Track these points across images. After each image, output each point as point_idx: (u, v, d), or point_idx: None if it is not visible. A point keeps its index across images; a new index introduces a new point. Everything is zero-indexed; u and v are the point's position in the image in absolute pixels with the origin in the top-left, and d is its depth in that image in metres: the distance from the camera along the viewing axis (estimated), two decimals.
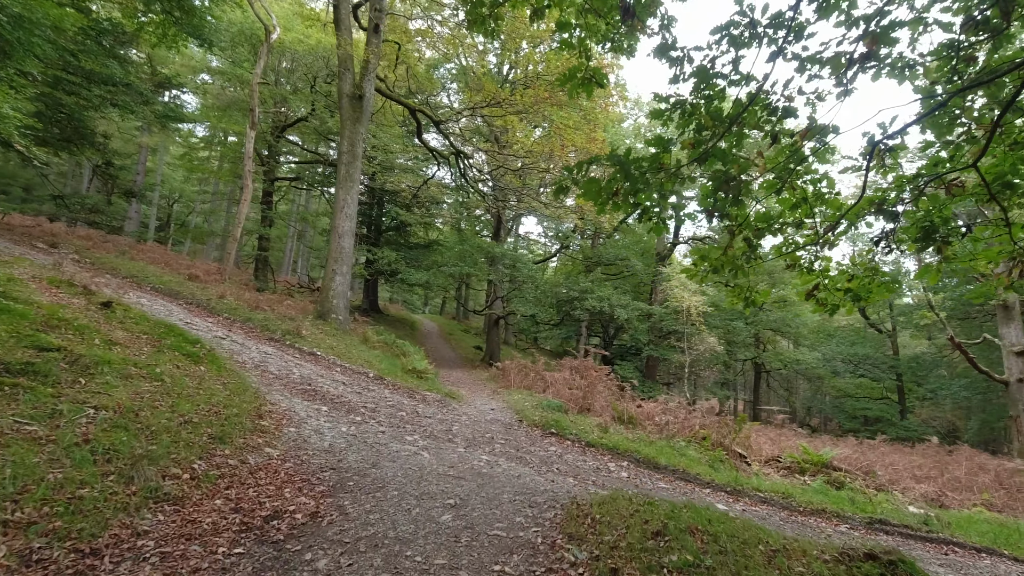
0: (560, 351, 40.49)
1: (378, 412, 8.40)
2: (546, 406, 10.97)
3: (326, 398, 8.39)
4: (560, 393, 12.97)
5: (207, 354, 7.42)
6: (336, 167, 14.35)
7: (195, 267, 17.38)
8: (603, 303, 21.90)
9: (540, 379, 14.48)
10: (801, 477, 10.87)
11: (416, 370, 13.99)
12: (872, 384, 31.71)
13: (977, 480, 13.39)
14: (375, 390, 10.10)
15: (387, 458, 5.98)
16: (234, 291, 14.62)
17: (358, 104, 14.23)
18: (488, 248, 21.97)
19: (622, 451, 9.24)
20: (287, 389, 8.30)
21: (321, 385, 9.17)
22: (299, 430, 6.30)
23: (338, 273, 13.96)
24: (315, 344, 12.19)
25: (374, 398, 9.38)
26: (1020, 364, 17.15)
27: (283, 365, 9.88)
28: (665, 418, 11.10)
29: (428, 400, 10.43)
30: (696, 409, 13.11)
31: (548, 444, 8.96)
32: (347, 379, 10.40)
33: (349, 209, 14.16)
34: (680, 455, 9.67)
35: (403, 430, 7.61)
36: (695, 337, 20.90)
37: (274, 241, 47.48)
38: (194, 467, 4.41)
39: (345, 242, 14.09)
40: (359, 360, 12.16)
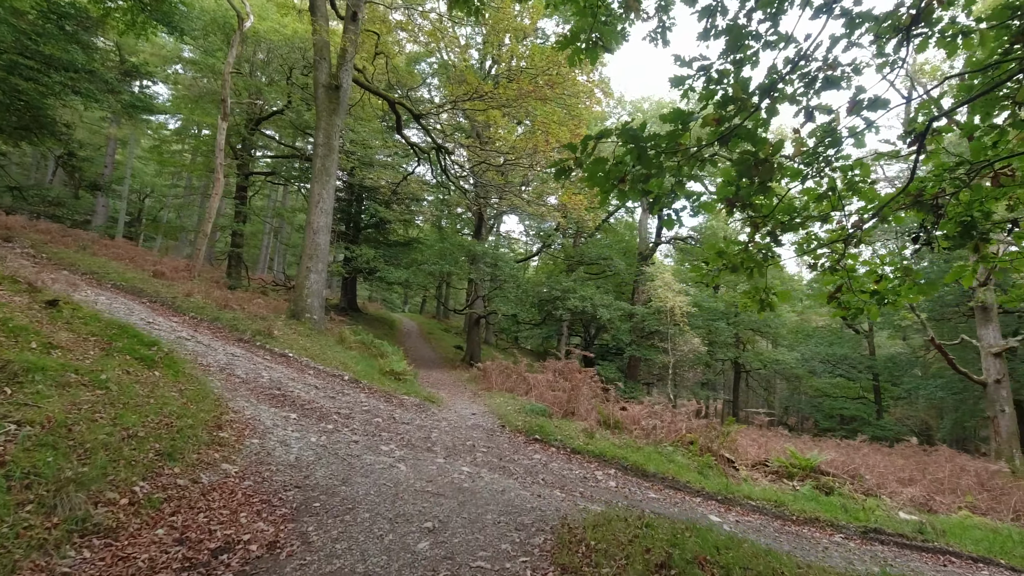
0: (541, 351, 40.09)
1: (352, 419, 7.85)
2: (529, 410, 10.52)
3: (296, 404, 7.82)
4: (543, 396, 12.53)
5: (164, 357, 6.80)
6: (312, 161, 13.72)
7: (162, 263, 16.56)
8: (585, 303, 21.53)
9: (522, 381, 14.02)
10: (790, 482, 10.58)
11: (394, 372, 13.43)
12: (849, 384, 31.91)
13: (960, 482, 13.29)
14: (350, 394, 9.53)
15: (360, 472, 5.46)
16: (203, 289, 13.90)
17: (335, 95, 13.60)
18: (469, 246, 21.44)
19: (609, 458, 8.83)
20: (254, 394, 7.71)
21: (292, 389, 8.59)
22: (263, 441, 5.75)
23: (313, 271, 13.32)
24: (287, 345, 11.56)
25: (348, 403, 8.82)
26: (998, 365, 17.20)
27: (251, 368, 9.27)
28: (652, 422, 10.73)
29: (406, 405, 9.90)
30: (681, 411, 12.78)
31: (532, 452, 8.51)
32: (320, 382, 9.82)
33: (325, 204, 13.53)
34: (668, 461, 9.30)
35: (379, 439, 7.08)
36: (679, 338, 20.65)
37: (250, 238, 46.29)
38: (135, 490, 3.85)
39: (320, 238, 13.45)
40: (334, 362, 11.57)
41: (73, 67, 16.59)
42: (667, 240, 30.41)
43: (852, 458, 14.62)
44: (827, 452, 12.81)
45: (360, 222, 29.89)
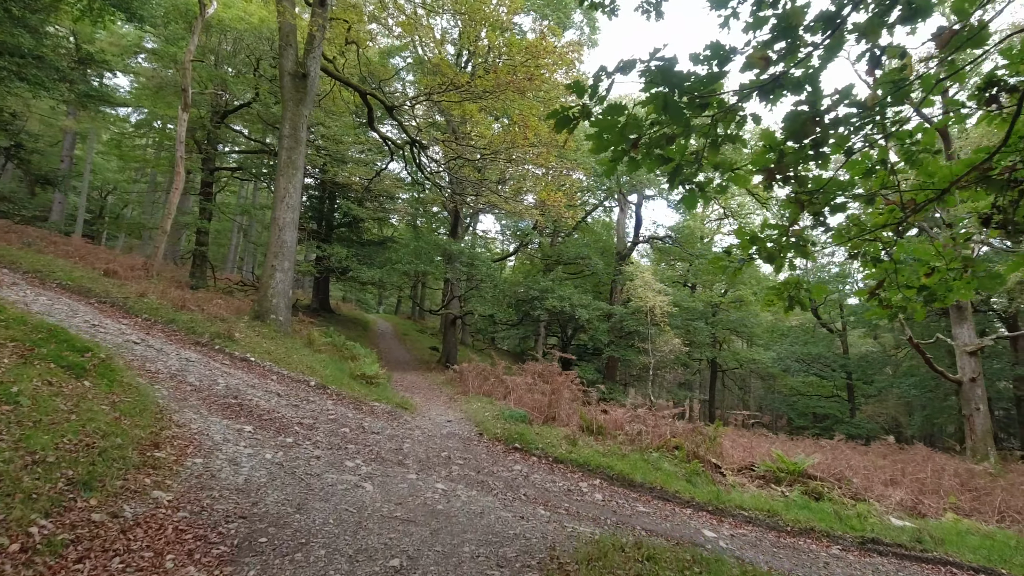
0: (518, 351, 39.52)
1: (316, 430, 7.13)
2: (508, 416, 9.90)
3: (253, 414, 7.07)
4: (522, 400, 11.93)
5: (98, 365, 6.01)
6: (277, 154, 12.90)
7: (115, 262, 15.49)
8: (564, 303, 21.01)
9: (500, 384, 13.41)
10: (778, 488, 10.16)
11: (366, 375, 12.68)
12: (822, 382, 32.10)
13: (942, 483, 13.08)
14: (316, 401, 8.79)
15: (319, 495, 4.78)
16: (159, 289, 12.95)
17: (301, 84, 12.80)
18: (445, 245, 20.74)
19: (594, 468, 8.27)
20: (206, 404, 6.94)
21: (250, 398, 7.83)
22: (208, 460, 5.02)
23: (279, 269, 12.50)
24: (249, 348, 10.74)
25: (313, 412, 8.09)
26: (973, 364, 17.19)
27: (207, 374, 8.47)
28: (636, 427, 10.22)
29: (377, 412, 9.19)
30: (664, 414, 12.32)
31: (512, 462, 7.89)
32: (283, 389, 9.05)
33: (291, 199, 12.72)
34: (655, 469, 8.78)
35: (344, 452, 6.39)
36: (659, 338, 20.29)
37: (219, 236, 44.76)
38: (31, 532, 3.12)
39: (287, 235, 12.64)
40: (300, 366, 10.79)
41: (19, 52, 15.47)
42: (644, 240, 30.11)
43: (835, 459, 14.35)
44: (812, 455, 12.48)
45: (332, 220, 28.92)
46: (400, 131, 16.44)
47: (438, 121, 21.29)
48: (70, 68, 19.50)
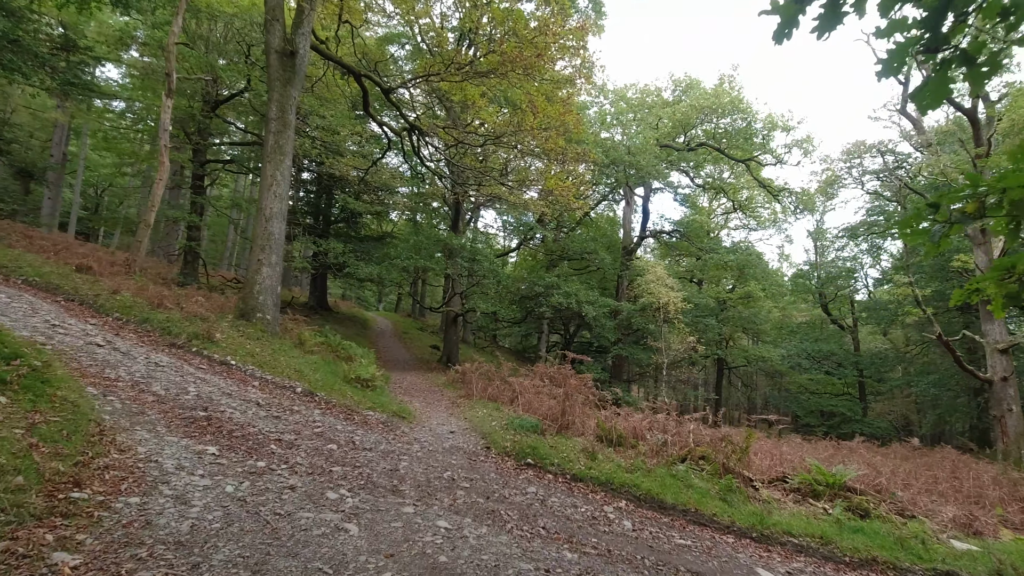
0: (520, 349, 38.41)
1: (296, 448, 6.01)
2: (518, 425, 8.78)
3: (223, 431, 5.94)
4: (532, 405, 10.82)
5: (27, 375, 4.88)
6: (263, 138, 11.77)
7: (92, 257, 14.35)
8: (570, 299, 19.88)
9: (506, 387, 12.30)
10: (817, 503, 9.04)
11: (360, 379, 11.56)
12: (832, 380, 31.03)
13: (984, 493, 11.98)
14: (300, 411, 7.67)
15: (286, 547, 3.66)
16: (137, 286, 11.82)
17: (289, 63, 11.65)
18: (446, 240, 19.60)
19: (617, 486, 7.16)
20: (166, 419, 5.82)
21: (223, 409, 6.70)
22: (148, 500, 3.90)
23: (265, 264, 11.37)
24: (230, 351, 9.62)
25: (296, 424, 6.96)
26: (1004, 362, 16.09)
27: (176, 381, 7.35)
28: (660, 437, 9.10)
29: (371, 423, 8.07)
30: (686, 419, 11.21)
31: (526, 482, 6.77)
32: (265, 397, 7.93)
33: (279, 187, 11.58)
34: (686, 487, 7.67)
35: (327, 479, 5.27)
36: (672, 336, 19.15)
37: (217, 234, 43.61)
38: None
39: (274, 226, 11.50)
40: (287, 370, 9.67)
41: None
42: (652, 234, 28.96)
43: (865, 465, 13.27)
44: (848, 465, 11.36)
45: (330, 216, 27.80)
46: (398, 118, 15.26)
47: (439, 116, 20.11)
48: (50, 54, 18.36)
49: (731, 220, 32.35)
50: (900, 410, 33.49)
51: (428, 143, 13.94)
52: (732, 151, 24.47)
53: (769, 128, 23.04)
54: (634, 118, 24.53)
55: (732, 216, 32.36)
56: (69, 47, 19.68)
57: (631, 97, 25.96)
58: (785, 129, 22.81)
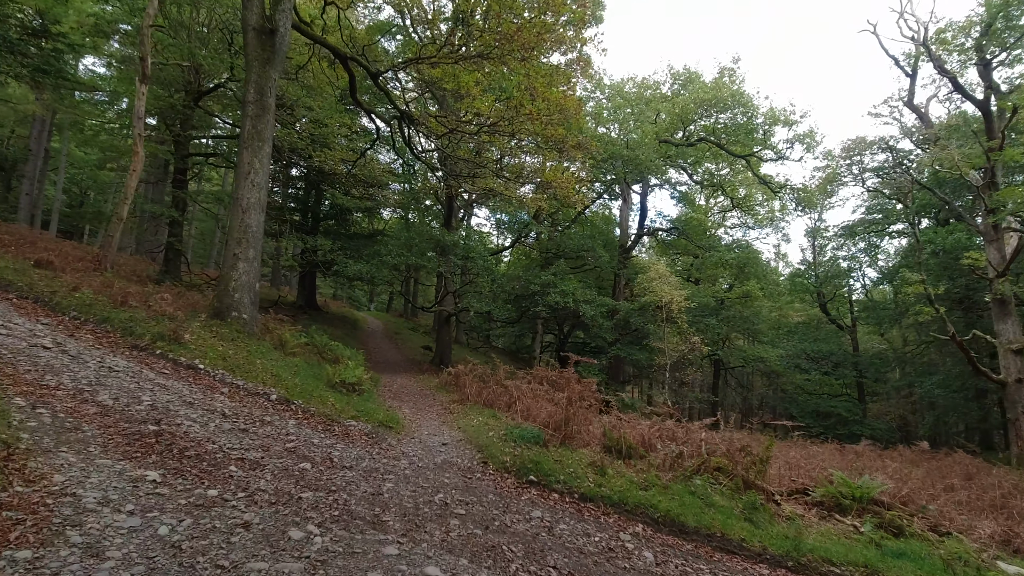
0: (513, 349, 37.45)
1: (261, 470, 5.07)
2: (518, 436, 7.86)
3: (173, 449, 4.99)
4: (531, 412, 9.91)
5: None
6: (240, 123, 10.80)
7: (56, 252, 13.28)
8: (567, 299, 18.99)
9: (503, 391, 11.37)
10: (844, 519, 8.20)
11: (346, 383, 10.61)
12: (831, 381, 30.35)
13: (1011, 503, 11.20)
14: (273, 423, 6.72)
15: None
16: (101, 282, 10.79)
17: (268, 41, 10.68)
18: (438, 236, 18.65)
19: (632, 507, 6.27)
20: (105, 436, 4.86)
21: (179, 422, 5.74)
22: (43, 553, 2.95)
23: (241, 259, 10.38)
24: (200, 353, 8.64)
25: (266, 439, 6.02)
26: (1018, 363, 15.38)
27: (130, 389, 6.37)
28: (675, 448, 8.22)
29: (353, 435, 7.12)
30: (696, 426, 10.35)
31: (529, 504, 5.87)
32: (233, 405, 6.97)
33: (257, 176, 10.60)
34: (706, 505, 6.79)
35: (294, 510, 4.33)
36: (676, 336, 18.30)
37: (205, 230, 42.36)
38: None
39: (251, 218, 10.52)
40: (262, 374, 8.70)
41: None
42: (649, 232, 28.11)
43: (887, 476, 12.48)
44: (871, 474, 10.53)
45: (319, 212, 26.77)
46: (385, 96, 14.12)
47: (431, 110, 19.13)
48: (20, 40, 17.26)
49: (728, 218, 31.61)
50: (898, 411, 32.84)
51: (419, 132, 13.00)
52: (732, 146, 23.72)
53: (771, 123, 22.28)
54: (632, 113, 23.67)
55: (729, 214, 31.60)
56: (42, 34, 18.56)
57: (629, 92, 25.10)
58: (787, 123, 22.07)
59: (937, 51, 16.39)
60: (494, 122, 11.51)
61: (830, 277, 30.55)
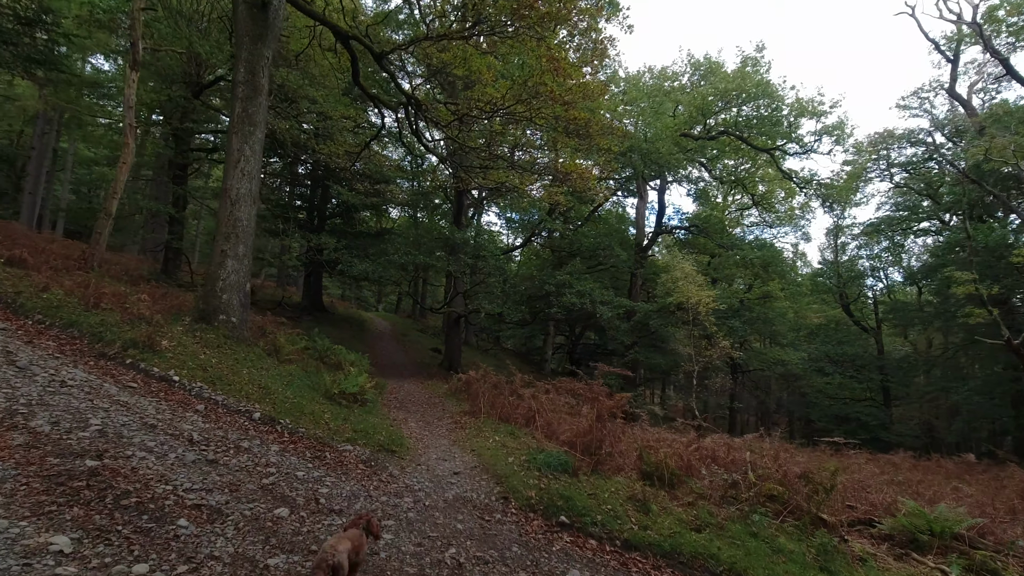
0: (524, 350, 36.16)
1: (222, 523, 3.88)
2: (542, 462, 6.62)
3: (108, 496, 3.81)
4: (553, 428, 8.68)
5: None
6: (230, 105, 9.66)
7: (37, 247, 12.17)
8: (584, 299, 17.74)
9: (519, 403, 10.13)
10: (924, 559, 6.89)
11: (346, 393, 9.43)
12: (854, 384, 28.88)
13: None
14: (251, 450, 5.53)
15: None
16: (78, 282, 9.67)
17: (260, 15, 9.53)
18: (448, 233, 17.46)
19: (687, 557, 5.04)
20: (17, 480, 3.70)
21: (129, 453, 4.57)
22: None
23: (230, 255, 9.22)
24: (177, 363, 7.47)
25: (236, 475, 4.83)
26: None
27: (78, 410, 5.22)
28: (724, 474, 6.96)
29: (347, 463, 5.92)
30: (738, 442, 9.07)
31: (563, 558, 4.64)
32: (206, 427, 5.79)
33: (248, 164, 9.44)
34: (772, 551, 5.54)
35: None
36: (704, 340, 16.96)
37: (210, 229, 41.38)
38: None
39: (241, 211, 9.36)
40: (248, 386, 7.53)
41: None
42: (667, 229, 26.75)
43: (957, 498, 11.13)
44: (953, 504, 9.19)
45: (325, 211, 25.67)
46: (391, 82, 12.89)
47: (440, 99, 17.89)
48: (12, 29, 16.27)
49: (746, 216, 30.16)
50: (922, 416, 31.26)
51: (428, 121, 11.79)
52: (755, 140, 22.37)
53: (797, 114, 20.89)
54: (649, 106, 22.32)
55: (748, 212, 30.15)
56: (33, 22, 17.56)
57: (646, 83, 23.76)
58: (815, 115, 20.68)
59: (988, 31, 14.98)
60: (510, 106, 10.27)
61: (853, 277, 29.05)
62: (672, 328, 18.63)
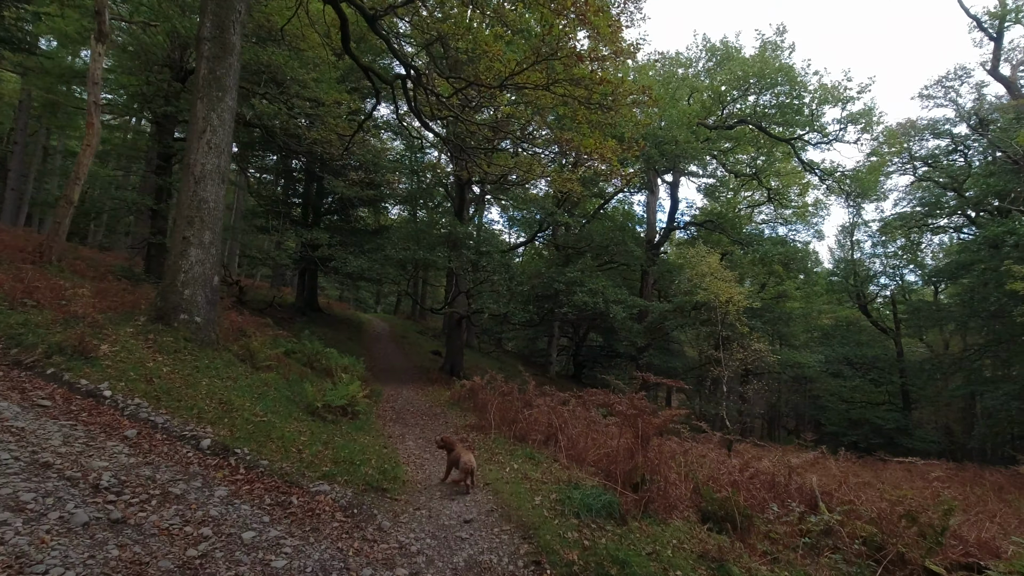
0: (527, 352, 34.52)
1: None
2: (580, 502, 5.00)
3: None
4: (578, 447, 7.09)
5: None
6: (195, 68, 8.09)
7: None
8: (596, 298, 16.16)
9: (534, 414, 8.52)
10: None
11: (331, 406, 7.84)
12: (868, 387, 27.34)
13: None
14: (184, 498, 3.92)
15: None
16: (11, 275, 8.05)
17: None
18: (449, 227, 15.87)
19: None
20: None
21: None
22: None
23: (194, 244, 7.63)
24: (116, 372, 5.87)
25: (147, 545, 3.22)
26: None
27: None
28: (800, 510, 5.38)
29: (320, 514, 4.30)
30: (797, 464, 7.48)
31: None
32: (128, 464, 4.19)
33: (216, 136, 7.85)
34: None
35: None
36: (736, 342, 15.37)
37: None
38: None
39: (208, 190, 7.77)
40: (203, 403, 5.92)
41: None
42: (681, 225, 25.16)
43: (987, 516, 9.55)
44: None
45: (320, 207, 24.09)
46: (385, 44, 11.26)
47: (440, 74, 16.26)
48: None
49: (758, 214, 28.58)
50: (942, 420, 29.69)
51: (427, 90, 10.20)
52: (773, 130, 20.83)
53: (820, 101, 19.35)
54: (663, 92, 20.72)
55: (759, 210, 28.58)
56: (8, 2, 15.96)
57: (657, 71, 22.16)
58: (840, 101, 19.11)
59: None
60: (526, 69, 8.68)
61: (871, 276, 27.51)
62: (692, 329, 17.10)
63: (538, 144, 12.90)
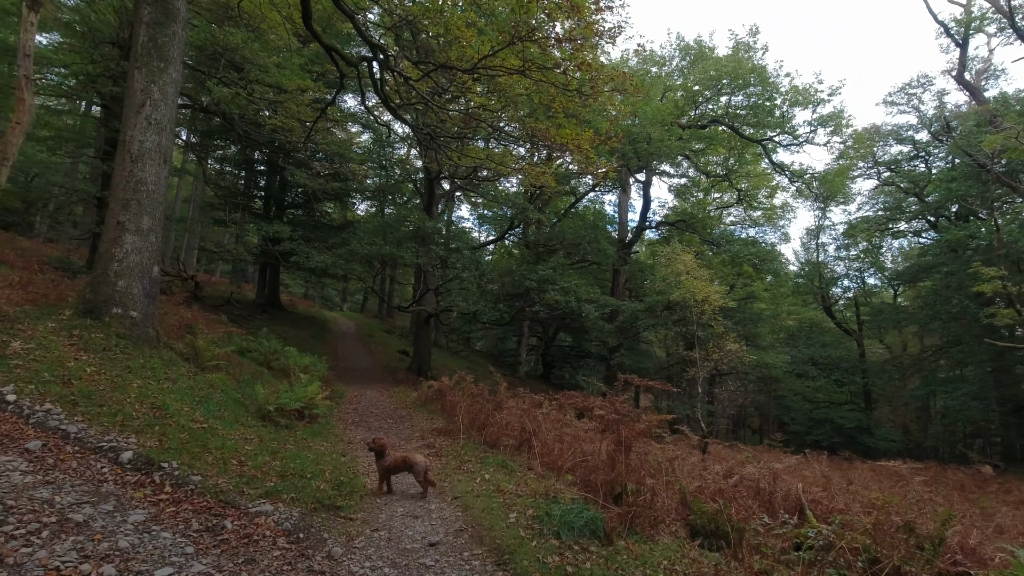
0: (496, 352, 33.94)
1: None
2: (560, 519, 4.44)
3: None
4: (553, 454, 6.57)
5: None
6: (132, 36, 7.24)
7: None
8: (568, 296, 15.73)
9: (505, 417, 7.97)
10: None
11: (285, 410, 7.12)
12: (832, 387, 27.77)
13: None
14: (87, 525, 3.22)
15: None
16: None
17: None
18: (417, 222, 15.19)
19: None
20: None
21: None
22: None
23: (130, 229, 6.81)
24: (27, 373, 5.07)
25: None
26: None
27: None
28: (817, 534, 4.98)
29: (259, 538, 3.64)
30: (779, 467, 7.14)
31: None
32: (24, 484, 3.46)
33: (157, 111, 7.05)
34: None
35: None
36: (711, 342, 15.13)
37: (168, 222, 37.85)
38: None
39: (147, 171, 6.95)
40: (131, 408, 5.16)
41: None
42: (653, 225, 25.00)
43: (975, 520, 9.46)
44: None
45: (283, 200, 23.01)
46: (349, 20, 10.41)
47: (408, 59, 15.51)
48: None
49: (727, 215, 28.76)
50: (899, 420, 30.39)
51: (394, 72, 9.55)
52: (745, 131, 20.85)
53: (792, 103, 19.43)
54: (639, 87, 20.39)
55: (728, 211, 28.76)
56: None
57: (632, 69, 21.88)
58: (811, 103, 19.23)
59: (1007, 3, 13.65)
60: (498, 50, 8.14)
61: (835, 278, 27.98)
62: (663, 329, 16.86)
63: (510, 138, 12.36)
